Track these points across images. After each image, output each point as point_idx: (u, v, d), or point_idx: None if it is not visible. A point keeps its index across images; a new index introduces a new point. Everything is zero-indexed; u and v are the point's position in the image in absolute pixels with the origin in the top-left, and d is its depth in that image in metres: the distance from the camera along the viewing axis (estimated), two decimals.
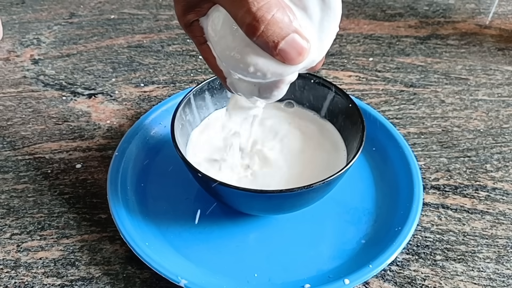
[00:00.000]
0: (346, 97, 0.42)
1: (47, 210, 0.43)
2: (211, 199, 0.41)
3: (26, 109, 0.52)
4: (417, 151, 0.48)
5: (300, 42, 0.26)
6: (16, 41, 0.62)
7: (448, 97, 0.54)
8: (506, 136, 0.50)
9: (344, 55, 0.60)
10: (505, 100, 0.54)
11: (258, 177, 0.40)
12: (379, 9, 0.68)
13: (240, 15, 0.26)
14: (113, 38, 0.63)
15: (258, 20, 0.25)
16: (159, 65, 0.59)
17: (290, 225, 0.41)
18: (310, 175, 0.40)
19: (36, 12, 0.67)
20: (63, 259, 0.39)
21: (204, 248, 0.40)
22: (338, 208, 0.42)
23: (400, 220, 0.40)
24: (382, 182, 0.44)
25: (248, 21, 0.25)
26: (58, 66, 0.58)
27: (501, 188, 0.45)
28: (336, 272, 0.38)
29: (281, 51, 0.26)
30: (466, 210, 0.43)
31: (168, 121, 0.40)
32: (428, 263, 0.39)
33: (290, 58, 0.27)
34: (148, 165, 0.45)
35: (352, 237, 0.40)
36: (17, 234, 0.41)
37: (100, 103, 0.53)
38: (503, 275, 0.38)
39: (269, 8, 0.25)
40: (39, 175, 0.46)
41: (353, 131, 0.41)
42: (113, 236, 0.41)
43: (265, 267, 0.38)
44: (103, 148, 0.48)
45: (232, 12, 0.26)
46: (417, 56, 0.60)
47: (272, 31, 0.25)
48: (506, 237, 0.41)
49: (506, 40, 0.63)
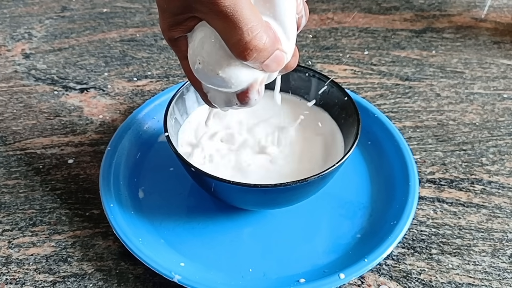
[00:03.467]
0: (342, 90, 0.41)
1: (39, 206, 0.42)
2: (205, 193, 0.41)
3: (17, 104, 0.52)
4: (413, 145, 0.48)
5: (280, 57, 0.29)
6: (7, 35, 0.61)
7: (443, 91, 0.54)
8: (501, 130, 0.50)
9: (340, 48, 0.60)
10: (501, 93, 0.54)
11: (253, 170, 0.40)
12: (374, 2, 0.68)
13: (233, 42, 0.27)
14: (105, 32, 0.62)
15: (252, 49, 0.27)
16: (152, 59, 0.58)
17: (285, 220, 0.41)
18: (307, 168, 0.39)
19: (27, 6, 0.66)
20: (55, 255, 0.39)
21: (198, 243, 0.39)
22: (333, 202, 0.42)
23: (395, 214, 0.40)
24: (378, 176, 0.44)
25: (242, 49, 0.27)
26: (50, 61, 0.57)
27: (497, 182, 0.45)
28: (331, 266, 0.37)
29: (264, 65, 0.29)
30: (461, 204, 0.43)
31: (161, 115, 0.39)
32: (424, 257, 0.39)
33: (271, 70, 0.30)
34: (141, 159, 0.45)
35: (347, 232, 0.40)
36: (8, 230, 0.40)
37: (93, 97, 0.53)
38: (499, 269, 0.38)
39: (261, 37, 0.27)
40: (31, 170, 0.45)
41: (349, 124, 0.40)
42: (105, 231, 0.40)
43: (259, 262, 0.38)
44: (95, 143, 0.48)
45: (225, 37, 0.28)
46: (412, 50, 0.60)
47: (262, 55, 0.28)
48: (501, 230, 0.41)
49: (502, 33, 0.63)
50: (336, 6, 0.67)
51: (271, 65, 0.29)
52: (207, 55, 0.29)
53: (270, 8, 0.29)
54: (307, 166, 0.40)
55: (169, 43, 0.31)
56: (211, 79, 0.30)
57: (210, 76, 0.30)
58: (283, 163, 0.40)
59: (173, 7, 0.29)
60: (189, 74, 0.32)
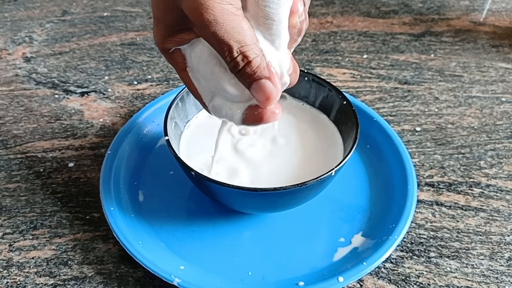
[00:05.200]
0: (340, 94, 0.42)
1: (40, 209, 0.42)
2: (204, 197, 0.41)
3: (18, 108, 0.52)
4: (411, 148, 0.48)
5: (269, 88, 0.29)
6: (8, 39, 0.61)
7: (442, 94, 0.54)
8: (500, 133, 0.50)
9: (339, 52, 0.60)
10: (499, 97, 0.54)
11: (253, 173, 0.40)
12: (373, 6, 0.68)
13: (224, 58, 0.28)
14: (106, 36, 0.62)
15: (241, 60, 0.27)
16: (153, 62, 0.58)
17: (284, 223, 0.41)
18: (307, 171, 0.40)
19: (28, 10, 0.67)
20: (56, 259, 0.39)
21: (197, 247, 0.39)
22: (332, 205, 0.42)
23: (394, 217, 0.40)
24: (376, 179, 0.44)
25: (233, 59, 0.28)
26: (51, 64, 0.58)
27: (495, 185, 0.45)
28: (330, 269, 0.38)
29: (252, 90, 0.29)
30: (460, 207, 0.43)
31: (161, 119, 0.40)
32: (422, 260, 0.39)
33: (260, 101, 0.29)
34: (141, 163, 0.45)
35: (346, 235, 0.40)
36: (9, 233, 0.41)
37: (93, 101, 0.53)
38: (497, 272, 0.39)
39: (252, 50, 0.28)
40: (31, 174, 0.45)
41: (348, 128, 0.41)
42: (106, 235, 0.40)
43: (259, 265, 0.38)
44: (96, 147, 0.48)
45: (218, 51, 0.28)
46: (411, 53, 0.60)
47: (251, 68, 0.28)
48: (499, 233, 0.41)
49: (500, 37, 0.63)
50: (335, 10, 0.67)
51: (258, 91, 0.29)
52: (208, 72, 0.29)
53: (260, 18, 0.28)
54: (306, 169, 0.40)
55: (164, 55, 0.31)
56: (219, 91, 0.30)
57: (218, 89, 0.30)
58: (282, 166, 0.41)
59: (169, 19, 0.29)
60: (190, 85, 0.32)
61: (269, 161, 0.41)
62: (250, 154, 0.41)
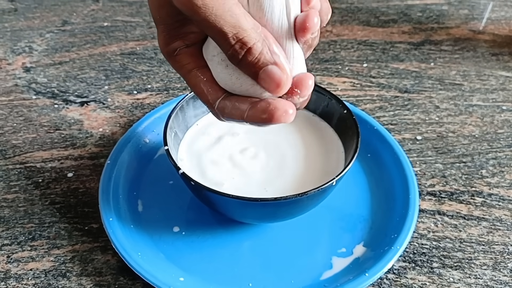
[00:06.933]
0: (341, 103, 0.42)
1: (38, 220, 0.42)
2: (204, 207, 0.41)
3: (17, 118, 0.52)
4: (412, 157, 0.48)
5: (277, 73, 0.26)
6: (7, 49, 0.61)
7: (442, 103, 0.54)
8: (501, 141, 0.50)
9: (338, 61, 0.60)
10: (500, 105, 0.54)
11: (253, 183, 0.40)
12: (373, 15, 0.68)
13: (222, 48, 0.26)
14: (106, 46, 0.62)
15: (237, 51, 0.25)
16: (152, 72, 0.58)
17: (285, 233, 0.41)
18: (308, 180, 0.39)
19: (28, 20, 0.67)
20: (54, 270, 0.38)
21: (197, 258, 0.39)
22: (333, 215, 0.42)
23: (396, 227, 0.39)
24: (378, 189, 0.44)
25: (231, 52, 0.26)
26: (50, 74, 0.58)
27: (497, 194, 0.45)
28: (332, 281, 0.37)
29: (260, 80, 0.26)
30: (462, 217, 0.43)
31: (161, 128, 0.39)
32: (425, 271, 0.39)
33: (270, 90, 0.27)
34: (140, 173, 0.45)
35: (347, 245, 0.40)
36: (7, 244, 0.40)
37: (93, 110, 0.53)
38: (500, 282, 0.38)
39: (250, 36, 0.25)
40: (30, 184, 0.45)
41: (349, 136, 0.40)
42: (104, 246, 0.40)
43: (260, 276, 0.38)
44: (95, 157, 0.48)
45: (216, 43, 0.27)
46: (411, 62, 0.60)
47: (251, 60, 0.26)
48: (502, 243, 0.41)
49: (500, 45, 0.63)
50: (335, 19, 0.67)
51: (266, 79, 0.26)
52: None
53: None
54: (306, 179, 0.40)
55: (168, 61, 0.30)
56: None
57: None
58: (283, 176, 0.40)
59: (166, 17, 0.27)
60: (195, 88, 0.30)
61: (268, 170, 0.41)
62: (249, 163, 0.41)
